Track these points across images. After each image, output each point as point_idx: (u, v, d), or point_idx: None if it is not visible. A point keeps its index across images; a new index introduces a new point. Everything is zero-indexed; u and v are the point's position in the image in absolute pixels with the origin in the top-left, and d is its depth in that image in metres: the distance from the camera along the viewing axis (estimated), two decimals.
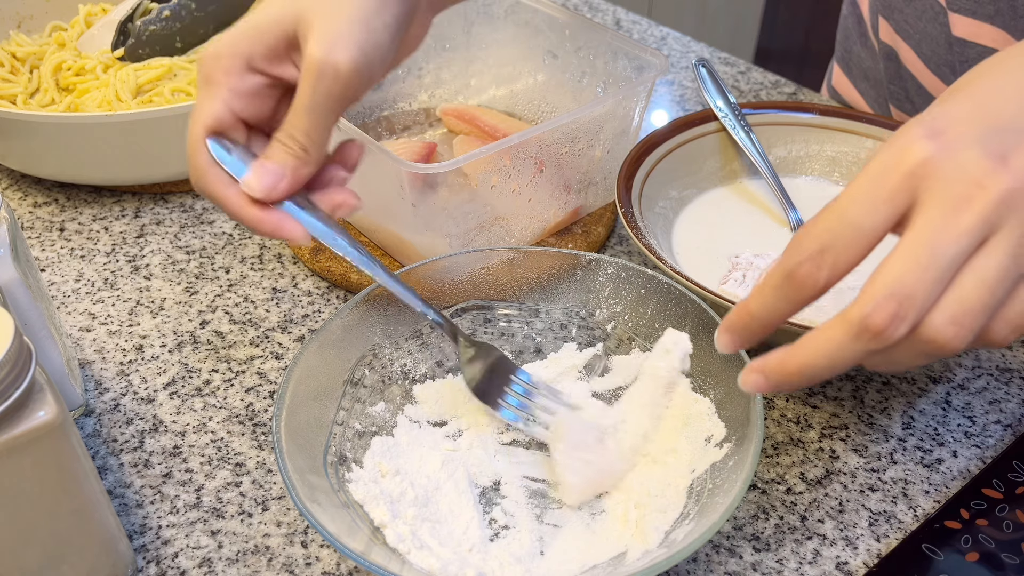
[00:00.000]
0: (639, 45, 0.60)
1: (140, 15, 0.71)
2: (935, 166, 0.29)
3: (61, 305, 0.57)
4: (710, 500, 0.39)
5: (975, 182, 0.29)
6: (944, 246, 0.29)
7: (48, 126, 0.61)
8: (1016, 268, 0.29)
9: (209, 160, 0.41)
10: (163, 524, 0.44)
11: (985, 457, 0.47)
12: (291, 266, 0.60)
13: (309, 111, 0.40)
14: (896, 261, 0.29)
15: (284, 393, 0.41)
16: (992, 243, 0.29)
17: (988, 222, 0.29)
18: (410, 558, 0.39)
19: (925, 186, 0.29)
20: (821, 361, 0.31)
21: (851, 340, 0.30)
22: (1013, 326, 0.29)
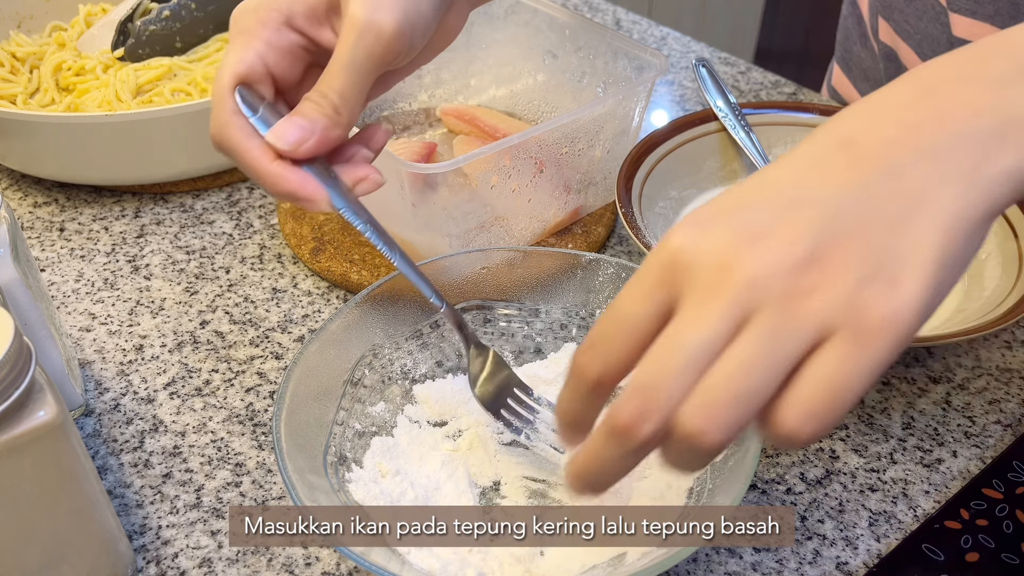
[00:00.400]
0: (639, 45, 0.60)
1: (140, 15, 0.71)
2: (687, 255, 0.28)
3: (61, 305, 0.57)
4: (710, 500, 0.39)
5: (722, 267, 0.27)
6: (690, 336, 0.27)
7: (48, 126, 0.61)
8: (777, 352, 0.27)
9: (234, 108, 0.39)
10: (163, 524, 0.44)
11: (985, 457, 0.47)
12: (291, 266, 0.60)
13: (346, 68, 0.39)
14: (647, 356, 0.28)
15: (284, 393, 0.41)
16: (746, 329, 0.27)
17: (739, 307, 0.27)
18: (410, 558, 0.39)
19: (680, 277, 0.28)
20: (593, 466, 0.30)
21: (607, 441, 0.29)
22: (804, 413, 0.26)
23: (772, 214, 0.28)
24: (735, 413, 0.27)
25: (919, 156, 0.28)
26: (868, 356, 0.26)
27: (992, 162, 0.28)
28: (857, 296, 0.26)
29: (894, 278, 0.27)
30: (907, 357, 0.53)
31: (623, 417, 0.28)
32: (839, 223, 0.27)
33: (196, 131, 0.63)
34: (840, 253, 0.27)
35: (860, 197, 0.28)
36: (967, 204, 0.27)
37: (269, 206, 0.66)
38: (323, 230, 0.61)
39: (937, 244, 0.27)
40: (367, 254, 0.59)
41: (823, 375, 0.26)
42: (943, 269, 0.27)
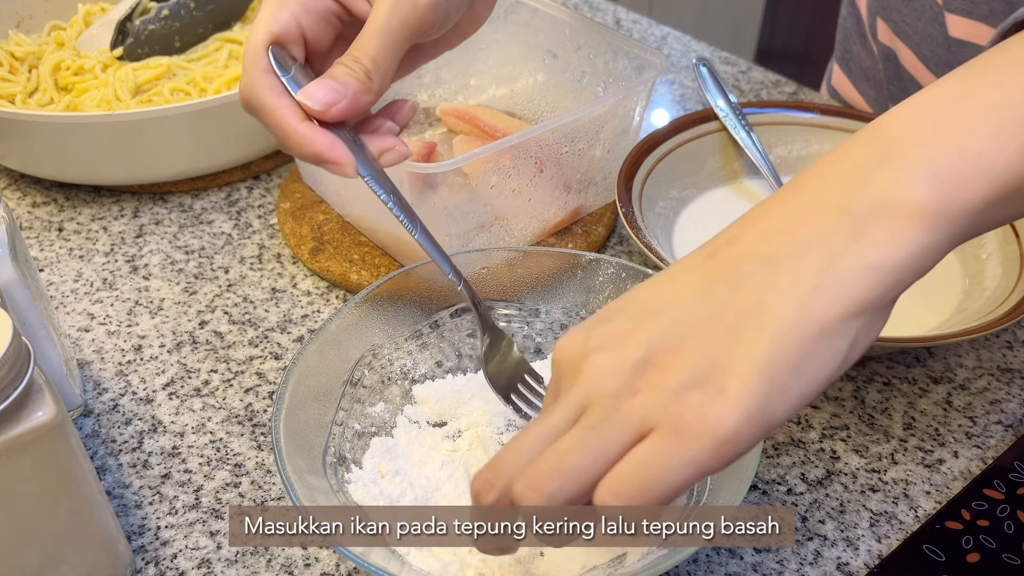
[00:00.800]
0: (639, 44, 0.60)
1: (139, 14, 0.71)
2: (558, 363, 0.32)
3: (60, 305, 0.57)
4: (711, 501, 0.39)
5: (575, 371, 0.31)
6: (538, 426, 0.31)
7: (47, 126, 0.61)
8: (598, 440, 0.29)
9: (266, 66, 0.40)
10: (162, 525, 0.44)
11: (986, 458, 0.47)
12: (290, 266, 0.60)
13: (381, 34, 0.39)
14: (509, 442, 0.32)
15: (283, 393, 0.41)
16: (579, 420, 0.30)
17: (577, 403, 0.30)
18: (409, 559, 0.39)
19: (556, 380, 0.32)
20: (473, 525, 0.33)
21: (473, 505, 0.32)
22: (613, 490, 0.29)
23: (627, 323, 0.31)
24: (556, 485, 0.29)
25: (764, 266, 0.29)
26: (683, 452, 0.28)
27: (844, 262, 0.28)
28: (679, 398, 0.28)
29: (720, 385, 0.28)
30: (908, 357, 0.52)
31: (474, 487, 0.32)
32: (677, 331, 0.29)
33: (195, 131, 0.63)
34: (672, 358, 0.29)
35: (701, 307, 0.29)
36: (811, 308, 0.28)
37: (268, 206, 0.66)
38: (322, 230, 0.61)
39: (764, 354, 0.28)
40: (367, 254, 0.58)
41: (637, 461, 0.28)
42: (773, 376, 0.27)
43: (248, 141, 0.65)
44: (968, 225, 0.29)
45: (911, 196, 0.28)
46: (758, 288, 0.29)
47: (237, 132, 0.64)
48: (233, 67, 0.70)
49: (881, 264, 0.28)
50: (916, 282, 0.29)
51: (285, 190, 0.65)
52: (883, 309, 0.29)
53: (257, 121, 0.42)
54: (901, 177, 0.28)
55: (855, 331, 0.28)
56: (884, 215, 0.28)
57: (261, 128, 0.67)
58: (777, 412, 0.28)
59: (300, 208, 0.63)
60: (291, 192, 0.64)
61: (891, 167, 0.29)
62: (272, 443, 0.39)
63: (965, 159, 0.28)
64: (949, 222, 0.28)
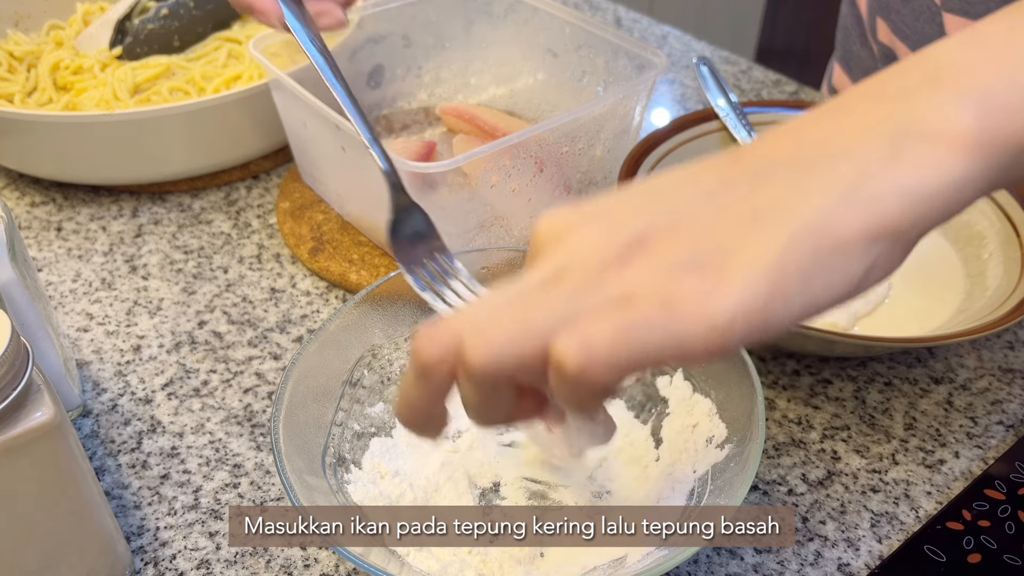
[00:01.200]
0: (640, 44, 0.60)
1: (138, 13, 0.71)
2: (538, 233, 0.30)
3: (58, 305, 0.57)
4: (712, 502, 0.39)
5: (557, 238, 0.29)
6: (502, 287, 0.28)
7: (45, 125, 0.60)
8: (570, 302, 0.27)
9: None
10: (161, 525, 0.44)
11: (987, 458, 0.47)
12: (289, 266, 0.60)
13: None
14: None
15: (282, 394, 0.41)
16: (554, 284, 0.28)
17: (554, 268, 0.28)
18: (409, 559, 0.39)
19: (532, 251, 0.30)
20: (401, 398, 0.31)
21: (410, 370, 0.30)
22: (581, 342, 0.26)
23: (628, 199, 0.28)
24: (509, 336, 0.27)
25: (791, 170, 0.27)
26: (669, 326, 0.25)
27: (877, 179, 0.26)
28: (674, 276, 0.26)
29: (723, 272, 0.26)
30: (909, 358, 0.52)
31: (415, 342, 0.29)
32: (682, 217, 0.27)
33: (194, 130, 0.62)
34: (669, 240, 0.27)
35: (715, 198, 0.27)
36: (834, 218, 0.26)
37: (267, 206, 0.65)
38: (322, 230, 0.60)
39: (776, 251, 0.25)
40: (366, 254, 0.58)
41: (616, 319, 0.26)
42: (781, 276, 0.25)
43: (247, 141, 0.65)
44: (1009, 163, 0.27)
45: (955, 123, 0.26)
46: (781, 189, 0.27)
47: (236, 132, 0.64)
48: (232, 66, 0.70)
49: (915, 188, 0.26)
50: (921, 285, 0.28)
51: (284, 190, 0.65)
52: (906, 242, 0.27)
53: (256, 120, 0.42)
54: (946, 103, 0.27)
55: (874, 256, 0.26)
56: (925, 139, 0.26)
57: (260, 128, 0.67)
58: (776, 316, 0.26)
59: (299, 208, 0.63)
60: (290, 192, 0.64)
61: (937, 92, 0.27)
62: (271, 444, 0.39)
63: (1015, 89, 0.27)
64: (991, 154, 0.26)
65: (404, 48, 0.70)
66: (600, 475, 0.44)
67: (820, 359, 0.52)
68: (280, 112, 0.62)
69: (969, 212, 0.56)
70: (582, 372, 0.26)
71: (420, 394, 0.30)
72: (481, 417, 0.30)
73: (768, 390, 0.50)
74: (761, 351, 0.53)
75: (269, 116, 0.64)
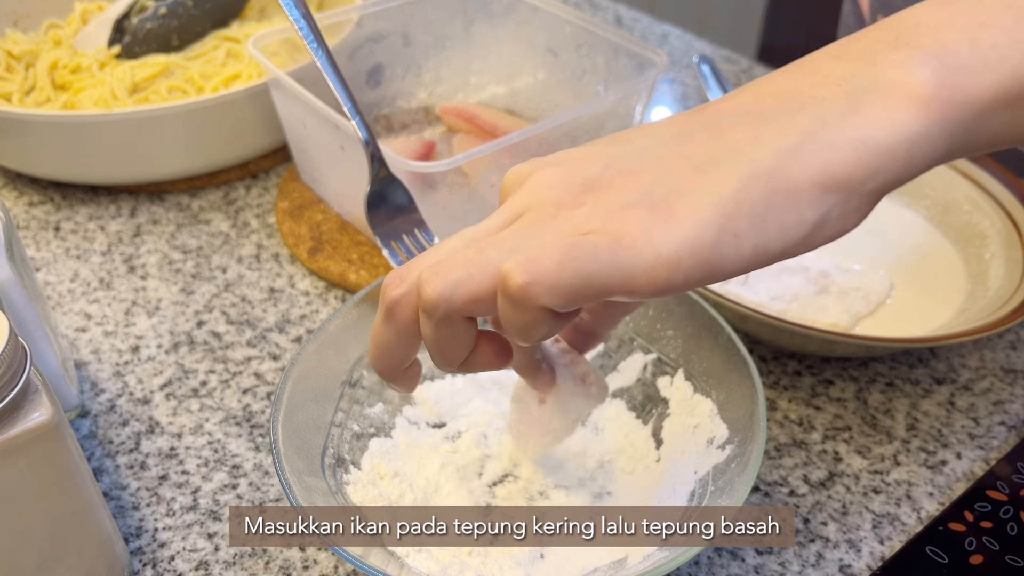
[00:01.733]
0: (640, 43, 0.60)
1: (136, 12, 0.71)
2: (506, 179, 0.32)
3: (56, 305, 0.57)
4: (713, 502, 0.39)
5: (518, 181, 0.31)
6: (466, 229, 0.30)
7: (44, 124, 0.60)
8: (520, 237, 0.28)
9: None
10: (159, 526, 0.43)
11: (989, 459, 0.46)
12: (288, 266, 0.60)
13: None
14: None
15: (281, 394, 0.40)
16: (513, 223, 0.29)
17: (514, 209, 0.30)
18: (409, 561, 0.39)
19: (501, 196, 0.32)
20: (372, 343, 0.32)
21: (379, 314, 0.31)
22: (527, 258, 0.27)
23: (588, 147, 0.30)
24: (463, 274, 0.28)
25: (749, 119, 0.28)
26: (615, 255, 0.26)
27: (833, 129, 0.26)
28: (625, 211, 0.26)
29: (672, 210, 0.26)
30: (911, 358, 0.52)
31: (384, 282, 0.30)
32: (641, 159, 0.28)
33: (193, 129, 0.62)
34: (624, 181, 0.27)
35: (672, 145, 0.28)
36: (788, 162, 0.26)
37: (266, 205, 0.65)
38: (321, 229, 0.60)
39: (728, 191, 0.26)
40: (365, 254, 0.58)
41: (565, 240, 0.27)
42: (732, 214, 0.26)
43: (246, 140, 0.65)
44: (967, 124, 0.27)
45: (914, 78, 0.27)
46: (738, 136, 0.27)
47: (235, 131, 0.64)
48: (231, 65, 0.70)
49: (869, 140, 0.26)
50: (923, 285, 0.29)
51: (283, 189, 0.64)
52: (861, 196, 0.27)
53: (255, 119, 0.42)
54: (907, 59, 0.27)
55: (827, 206, 0.26)
56: (882, 93, 0.27)
57: (259, 127, 0.67)
58: (726, 256, 0.26)
59: (298, 207, 0.62)
60: (289, 191, 0.64)
61: (898, 50, 0.27)
62: (270, 444, 0.39)
63: (976, 50, 0.27)
64: (948, 113, 0.27)
65: (404, 47, 0.70)
66: (600, 475, 0.44)
67: (821, 359, 0.52)
68: (279, 111, 0.62)
69: (971, 212, 0.56)
70: (525, 289, 0.26)
71: (388, 336, 0.31)
72: (440, 356, 0.31)
73: (769, 390, 0.50)
74: (762, 351, 0.53)
75: (268, 115, 0.64)
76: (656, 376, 0.46)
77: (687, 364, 0.45)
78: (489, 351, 0.33)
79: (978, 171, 0.56)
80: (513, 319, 0.28)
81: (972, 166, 0.57)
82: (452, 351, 0.31)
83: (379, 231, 0.43)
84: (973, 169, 0.56)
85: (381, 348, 0.32)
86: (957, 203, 0.57)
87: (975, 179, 0.56)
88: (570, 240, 0.27)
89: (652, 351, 0.47)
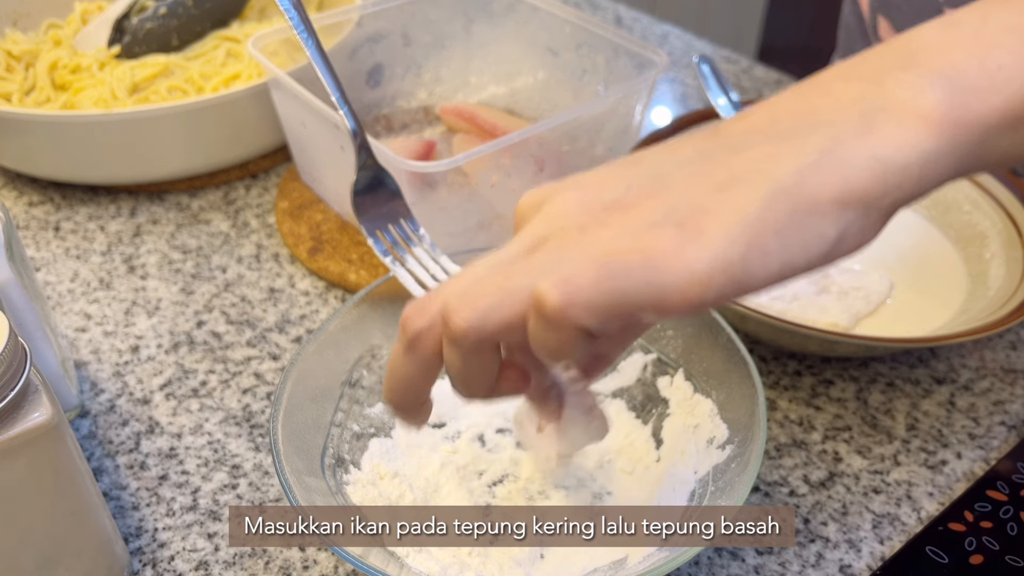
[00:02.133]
0: (640, 43, 0.60)
1: (136, 12, 0.71)
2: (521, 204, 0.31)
3: (56, 305, 0.57)
4: (713, 503, 0.39)
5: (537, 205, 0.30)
6: (486, 257, 0.29)
7: (43, 124, 0.60)
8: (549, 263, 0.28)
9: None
10: (159, 527, 0.43)
11: (989, 459, 0.46)
12: (288, 266, 0.60)
13: None
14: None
15: (281, 394, 0.40)
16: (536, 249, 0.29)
17: (535, 235, 0.29)
18: (409, 561, 0.39)
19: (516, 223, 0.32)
20: (389, 380, 0.32)
21: (399, 344, 0.31)
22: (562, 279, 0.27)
23: (606, 169, 0.30)
24: (493, 301, 0.28)
25: (766, 140, 0.28)
26: (648, 274, 0.26)
27: (850, 148, 0.27)
28: (652, 231, 0.27)
29: (700, 228, 0.26)
30: (911, 358, 0.52)
31: (405, 314, 0.30)
32: (660, 181, 0.28)
33: (192, 129, 0.62)
34: (648, 202, 0.27)
35: (692, 165, 0.28)
36: (808, 180, 0.26)
37: (266, 205, 0.65)
38: (320, 229, 0.60)
39: (753, 209, 0.26)
40: (365, 254, 0.58)
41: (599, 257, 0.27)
42: (759, 232, 0.26)
43: (246, 140, 0.65)
44: (977, 143, 0.28)
45: (924, 100, 0.27)
46: (757, 156, 0.28)
47: (235, 131, 0.64)
48: (231, 65, 0.70)
49: (884, 158, 0.27)
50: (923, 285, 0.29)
51: (283, 189, 0.64)
52: (878, 212, 0.27)
53: (255, 119, 0.42)
54: (917, 81, 0.28)
55: (846, 222, 0.27)
56: (895, 114, 0.27)
57: (259, 127, 0.67)
58: (754, 272, 0.26)
59: (298, 207, 0.62)
60: (289, 191, 0.64)
61: (909, 71, 0.28)
62: (270, 444, 0.39)
63: (984, 72, 0.28)
64: (958, 133, 0.27)
65: (404, 47, 0.70)
66: (600, 475, 0.44)
67: (822, 359, 0.52)
68: (279, 111, 0.62)
69: (971, 212, 0.56)
70: (562, 310, 0.27)
71: (408, 369, 0.31)
72: (465, 385, 0.31)
73: (769, 391, 0.50)
74: (763, 351, 0.52)
75: (268, 115, 0.64)
76: (656, 376, 0.46)
77: (687, 364, 0.45)
78: (512, 377, 0.33)
79: None
80: (546, 341, 0.28)
81: None
82: (479, 380, 0.31)
83: (364, 220, 0.43)
84: None
85: (401, 381, 0.32)
86: (957, 203, 0.57)
87: (975, 179, 0.56)
88: (603, 259, 0.27)
89: (652, 351, 0.47)
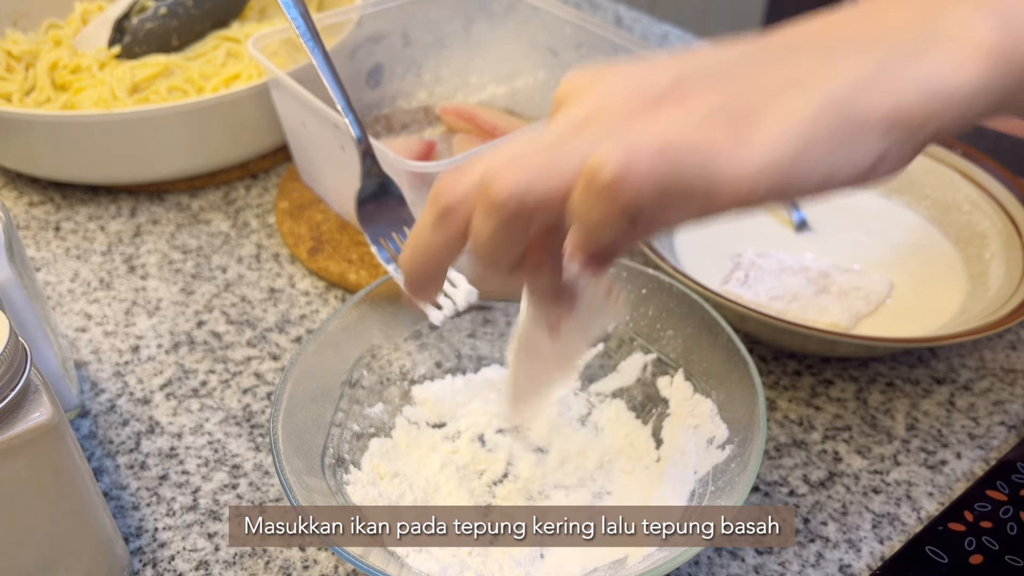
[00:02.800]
0: (640, 43, 0.60)
1: (136, 12, 0.71)
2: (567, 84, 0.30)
3: (56, 305, 0.57)
4: (713, 502, 0.39)
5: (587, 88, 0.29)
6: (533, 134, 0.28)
7: (44, 124, 0.60)
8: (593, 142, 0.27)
9: None
10: (159, 526, 0.43)
11: (989, 459, 0.46)
12: (288, 266, 0.60)
13: None
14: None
15: (281, 394, 0.40)
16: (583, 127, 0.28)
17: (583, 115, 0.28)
18: (409, 561, 0.39)
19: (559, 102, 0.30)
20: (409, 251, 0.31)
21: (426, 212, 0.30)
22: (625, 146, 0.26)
23: (657, 62, 0.29)
24: (537, 170, 0.27)
25: (821, 50, 0.28)
26: (704, 160, 0.26)
27: (902, 70, 0.27)
28: (708, 121, 0.26)
29: (753, 125, 0.26)
30: (911, 358, 0.52)
31: (436, 185, 0.29)
32: (711, 76, 0.28)
33: (193, 129, 0.62)
34: (702, 95, 0.27)
35: (747, 64, 0.28)
36: (861, 96, 0.27)
37: (266, 205, 0.65)
38: (320, 229, 0.60)
39: (807, 115, 0.26)
40: (365, 254, 0.58)
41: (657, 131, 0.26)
42: (811, 139, 0.26)
43: (246, 140, 0.65)
44: (1021, 79, 0.28)
45: (977, 32, 0.28)
46: (812, 66, 0.28)
47: (235, 131, 0.64)
48: (231, 65, 0.70)
49: (933, 84, 0.27)
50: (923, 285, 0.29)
51: (283, 189, 0.64)
52: (916, 139, 0.28)
53: (255, 119, 0.42)
54: (970, 14, 0.28)
55: (889, 143, 0.27)
56: (947, 42, 0.28)
57: (259, 127, 0.67)
58: (801, 176, 0.26)
59: (298, 207, 0.62)
60: (289, 191, 0.64)
61: (963, 4, 0.28)
62: (270, 444, 0.39)
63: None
64: (1006, 69, 0.28)
65: (404, 47, 0.70)
66: (600, 475, 0.44)
67: (821, 359, 0.52)
68: (279, 111, 0.62)
69: (971, 212, 0.56)
70: (619, 178, 0.26)
71: (433, 240, 0.30)
72: (493, 260, 0.30)
73: (769, 391, 0.50)
74: (763, 351, 0.53)
75: (268, 115, 0.64)
76: (656, 376, 0.46)
77: (687, 364, 0.45)
78: (534, 259, 0.32)
79: (978, 171, 0.56)
80: (590, 213, 0.27)
81: (972, 166, 0.57)
82: (505, 255, 0.30)
83: (369, 228, 0.43)
84: (973, 169, 0.56)
85: (422, 253, 0.31)
86: (957, 203, 0.57)
87: (975, 179, 0.56)
88: (660, 140, 0.26)
89: (652, 351, 0.47)
